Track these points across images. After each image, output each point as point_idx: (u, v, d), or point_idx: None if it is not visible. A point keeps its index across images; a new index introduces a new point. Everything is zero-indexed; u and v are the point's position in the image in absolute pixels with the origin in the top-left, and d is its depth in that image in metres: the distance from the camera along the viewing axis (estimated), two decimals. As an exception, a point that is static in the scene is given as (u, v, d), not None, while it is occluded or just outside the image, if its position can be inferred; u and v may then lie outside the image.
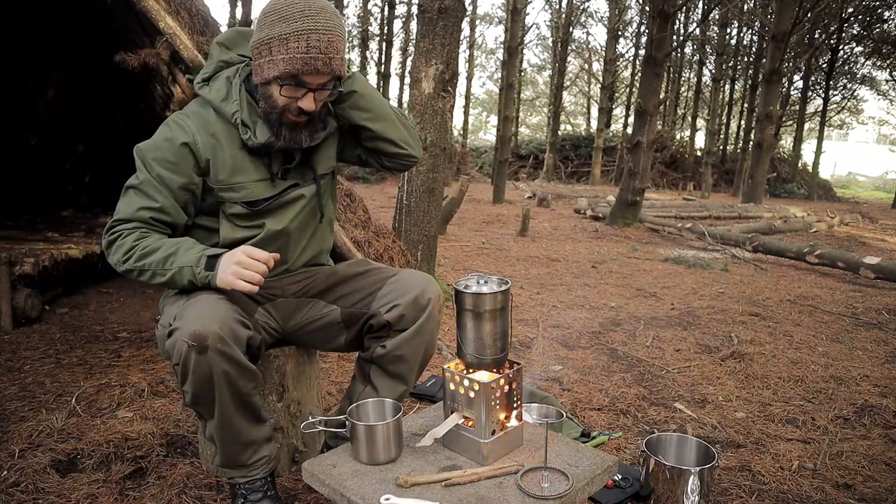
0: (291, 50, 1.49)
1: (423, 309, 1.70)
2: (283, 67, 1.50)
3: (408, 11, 20.26)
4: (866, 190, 28.55)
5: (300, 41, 1.48)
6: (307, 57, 1.49)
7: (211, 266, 1.52)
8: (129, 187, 1.61)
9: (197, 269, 1.51)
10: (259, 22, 1.55)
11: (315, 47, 1.49)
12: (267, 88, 1.57)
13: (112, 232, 1.60)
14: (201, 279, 1.52)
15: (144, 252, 1.55)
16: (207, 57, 1.73)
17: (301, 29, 1.48)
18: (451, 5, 3.89)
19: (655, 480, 1.82)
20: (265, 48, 1.53)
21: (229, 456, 1.61)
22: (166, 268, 1.53)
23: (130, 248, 1.56)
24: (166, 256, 1.54)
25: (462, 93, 25.07)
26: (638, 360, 3.24)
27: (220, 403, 1.49)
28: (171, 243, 1.56)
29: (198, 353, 1.41)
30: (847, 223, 11.25)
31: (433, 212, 4.11)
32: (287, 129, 1.61)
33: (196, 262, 1.52)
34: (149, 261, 1.54)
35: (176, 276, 1.53)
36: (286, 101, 1.56)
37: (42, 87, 4.81)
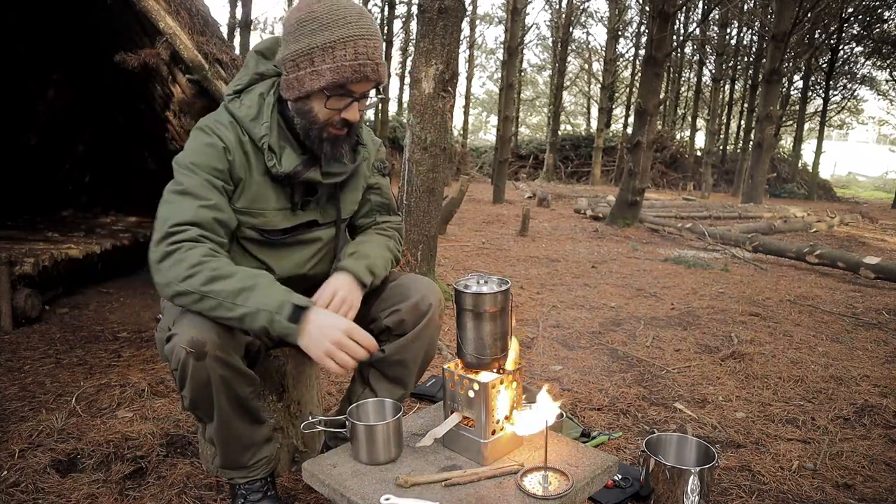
0: (338, 58, 1.41)
1: (424, 314, 1.70)
2: (331, 77, 1.42)
3: (408, 11, 20.26)
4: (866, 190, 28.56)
5: (347, 48, 1.40)
6: (356, 64, 1.41)
7: (296, 318, 1.35)
8: (175, 192, 1.46)
9: (278, 316, 1.34)
10: (293, 32, 1.45)
11: (363, 53, 1.42)
12: (306, 103, 1.48)
13: (171, 241, 1.39)
14: (280, 330, 1.34)
15: (215, 275, 1.36)
16: (243, 65, 1.61)
17: (347, 35, 1.40)
18: (451, 5, 3.89)
19: (655, 480, 1.82)
20: (305, 59, 1.43)
21: (229, 457, 1.61)
22: (237, 302, 1.35)
23: (196, 265, 1.36)
24: (240, 289, 1.36)
25: (462, 93, 25.08)
26: (638, 360, 3.24)
27: (219, 407, 1.49)
28: (248, 274, 1.39)
29: (196, 360, 1.40)
30: (847, 223, 11.25)
31: (433, 212, 4.11)
32: (329, 144, 1.54)
33: (277, 308, 1.35)
34: (217, 288, 1.35)
35: (248, 316, 1.35)
36: (329, 114, 1.48)
37: (42, 87, 4.81)
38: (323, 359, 1.36)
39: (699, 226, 8.46)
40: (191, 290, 1.35)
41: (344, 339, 1.37)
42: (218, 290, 1.35)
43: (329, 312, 1.41)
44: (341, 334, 1.37)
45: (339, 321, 1.38)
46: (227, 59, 3.32)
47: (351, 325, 1.39)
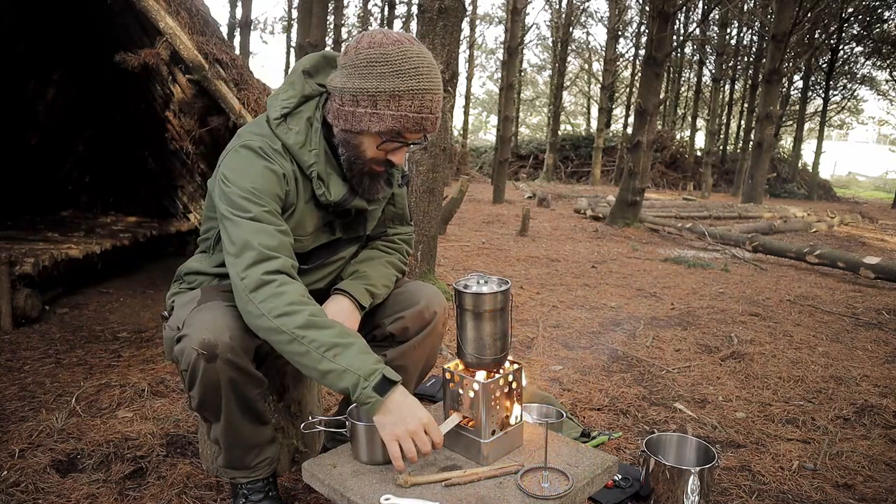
0: (403, 108, 1.39)
1: (428, 322, 1.70)
2: (391, 124, 1.41)
3: (408, 11, 20.27)
4: (866, 190, 28.56)
5: (414, 100, 1.39)
6: (419, 117, 1.41)
7: (383, 391, 1.31)
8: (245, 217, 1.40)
9: (365, 384, 1.31)
10: (361, 68, 1.41)
11: (427, 108, 1.41)
12: (356, 137, 1.47)
13: (267, 270, 1.36)
14: (363, 398, 1.31)
15: (313, 322, 1.34)
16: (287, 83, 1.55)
17: (416, 88, 1.39)
18: (451, 5, 3.89)
19: (655, 480, 1.82)
20: (367, 99, 1.40)
21: (233, 457, 1.61)
22: (326, 356, 1.31)
23: (295, 304, 1.34)
24: (335, 344, 1.33)
25: (462, 93, 25.07)
26: (638, 360, 3.24)
27: (227, 409, 1.49)
28: (345, 331, 1.37)
29: (206, 362, 1.40)
30: (847, 223, 11.25)
31: (433, 212, 4.11)
32: (368, 178, 1.53)
33: (367, 375, 1.31)
34: (313, 336, 1.32)
35: (334, 373, 1.31)
36: (377, 153, 1.48)
37: (42, 87, 4.81)
38: (391, 442, 1.32)
39: (699, 226, 8.46)
40: (284, 329, 1.32)
41: (419, 431, 1.32)
42: (312, 338, 1.32)
43: (413, 399, 1.36)
44: (419, 425, 1.33)
45: (421, 412, 1.34)
46: (227, 59, 3.32)
47: (430, 420, 1.34)
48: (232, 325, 1.43)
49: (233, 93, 3.17)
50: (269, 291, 1.35)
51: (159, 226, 5.02)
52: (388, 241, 1.83)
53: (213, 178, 1.55)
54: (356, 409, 1.54)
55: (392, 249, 1.81)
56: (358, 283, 1.64)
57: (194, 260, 1.73)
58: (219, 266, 1.64)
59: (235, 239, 1.40)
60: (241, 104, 3.15)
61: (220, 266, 1.62)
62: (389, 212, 1.81)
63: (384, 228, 1.83)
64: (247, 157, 1.46)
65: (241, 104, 3.15)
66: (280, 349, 1.36)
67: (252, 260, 1.37)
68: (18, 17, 4.24)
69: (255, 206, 1.41)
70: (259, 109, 3.18)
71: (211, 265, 1.66)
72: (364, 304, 1.63)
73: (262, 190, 1.43)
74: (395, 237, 1.84)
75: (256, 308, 1.35)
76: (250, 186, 1.42)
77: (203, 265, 1.68)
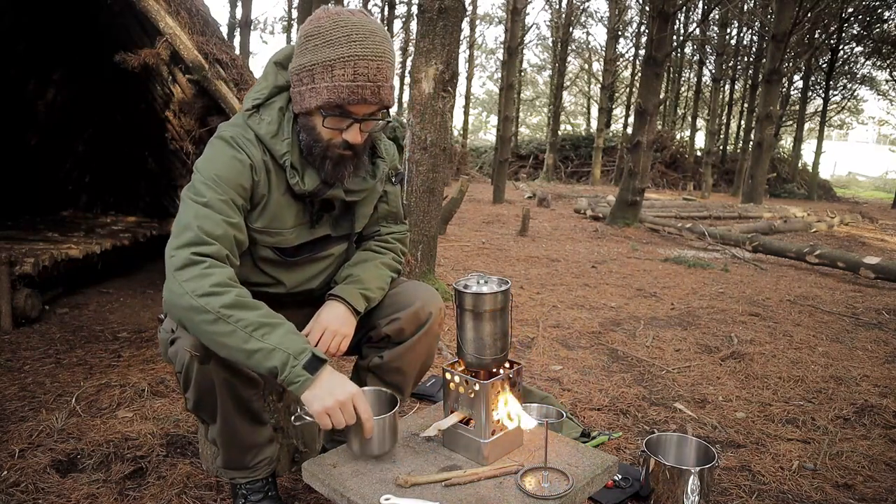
0: (336, 77, 1.36)
1: (423, 323, 1.69)
2: (327, 96, 1.37)
3: (408, 11, 20.26)
4: (866, 190, 28.56)
5: (346, 68, 1.35)
6: (354, 85, 1.36)
7: (313, 369, 1.30)
8: (198, 202, 1.39)
9: (295, 362, 1.28)
10: (300, 45, 1.41)
11: (363, 75, 1.36)
12: (308, 119, 1.44)
13: (197, 251, 1.33)
14: (292, 376, 1.28)
15: (239, 302, 1.31)
16: (261, 76, 1.54)
17: (348, 55, 1.35)
18: (451, 5, 3.89)
19: (655, 480, 1.82)
20: (306, 75, 1.40)
21: (231, 458, 1.61)
22: (254, 335, 1.28)
23: (221, 286, 1.31)
24: (262, 323, 1.30)
25: (462, 93, 25.08)
26: (638, 360, 3.24)
27: (223, 410, 1.49)
28: (272, 313, 1.35)
29: (200, 363, 1.40)
30: (847, 223, 11.25)
31: (433, 212, 4.11)
32: (331, 163, 1.48)
33: (297, 354, 1.29)
34: (239, 316, 1.29)
35: (260, 353, 1.28)
36: (330, 133, 1.44)
37: (42, 87, 4.81)
38: (321, 415, 1.31)
39: (699, 226, 8.46)
40: (208, 308, 1.28)
41: (347, 403, 1.32)
42: (239, 318, 1.28)
43: (341, 376, 1.35)
44: (347, 397, 1.32)
45: (349, 386, 1.34)
46: (227, 59, 3.32)
47: (357, 393, 1.34)
48: None
49: (233, 93, 3.18)
50: (196, 272, 1.31)
51: (159, 226, 5.02)
52: (381, 241, 1.79)
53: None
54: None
55: (386, 249, 1.78)
56: (352, 288, 1.62)
57: None
58: None
59: (180, 219, 1.38)
60: (241, 104, 3.15)
61: None
62: (383, 210, 1.77)
63: (377, 228, 1.79)
64: (218, 146, 1.46)
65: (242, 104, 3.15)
66: (200, 330, 1.30)
67: (186, 241, 1.34)
68: (18, 17, 4.24)
69: (211, 193, 1.39)
70: (259, 109, 3.18)
71: None
72: (359, 309, 1.61)
73: (224, 178, 1.41)
74: (389, 236, 1.81)
75: (179, 286, 1.30)
76: (214, 174, 1.41)
77: None
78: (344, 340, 1.58)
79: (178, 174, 5.32)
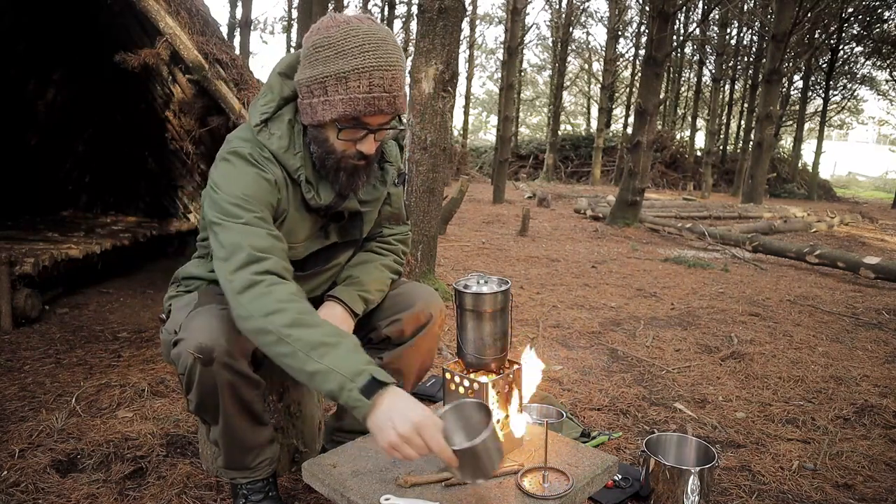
0: (351, 90, 1.32)
1: (424, 325, 1.69)
2: (343, 109, 1.34)
3: (408, 11, 20.26)
4: (866, 190, 28.56)
5: (361, 80, 1.32)
6: (370, 97, 1.33)
7: (370, 393, 1.20)
8: (235, 221, 1.34)
9: (351, 385, 1.21)
10: (309, 56, 1.37)
11: (378, 86, 1.33)
12: (321, 131, 1.41)
13: (256, 270, 1.30)
14: (349, 400, 1.21)
15: (299, 319, 1.26)
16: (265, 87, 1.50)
17: (362, 66, 1.31)
18: (451, 5, 3.89)
19: (655, 480, 1.82)
20: (318, 87, 1.36)
21: (233, 458, 1.61)
22: (312, 356, 1.23)
23: (284, 302, 1.28)
24: (320, 343, 1.24)
25: (462, 93, 25.09)
26: (638, 360, 3.24)
27: (224, 411, 1.49)
28: (334, 331, 1.29)
29: (203, 366, 1.40)
30: (847, 223, 11.25)
31: (433, 212, 4.11)
32: (345, 174, 1.46)
33: (353, 376, 1.21)
34: (298, 335, 1.24)
35: (319, 375, 1.22)
36: (344, 145, 1.41)
37: (42, 87, 4.81)
38: (388, 451, 1.21)
39: (699, 226, 8.46)
40: (271, 328, 1.25)
41: (413, 436, 1.18)
42: (297, 337, 1.24)
43: (407, 398, 1.23)
44: (411, 429, 1.18)
45: (414, 413, 1.20)
46: (227, 59, 3.32)
47: (423, 422, 1.19)
48: (228, 328, 1.42)
49: (233, 93, 3.18)
50: (258, 291, 1.29)
51: (159, 226, 5.02)
52: (383, 242, 1.78)
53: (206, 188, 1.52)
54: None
55: (387, 251, 1.77)
56: (351, 290, 1.62)
57: (191, 265, 1.71)
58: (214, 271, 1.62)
59: (225, 242, 1.35)
60: (241, 104, 3.15)
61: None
62: (386, 212, 1.76)
63: (380, 229, 1.79)
64: (238, 164, 1.42)
65: (241, 104, 3.15)
66: (269, 352, 1.28)
67: (241, 262, 1.31)
68: (18, 17, 4.24)
69: (246, 213, 1.36)
70: (259, 109, 3.17)
71: (207, 270, 1.65)
72: (357, 311, 1.61)
73: (253, 197, 1.38)
74: (391, 238, 1.80)
75: (244, 309, 1.29)
76: (241, 193, 1.37)
77: (200, 270, 1.67)
78: None
79: (178, 174, 5.32)
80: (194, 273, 1.68)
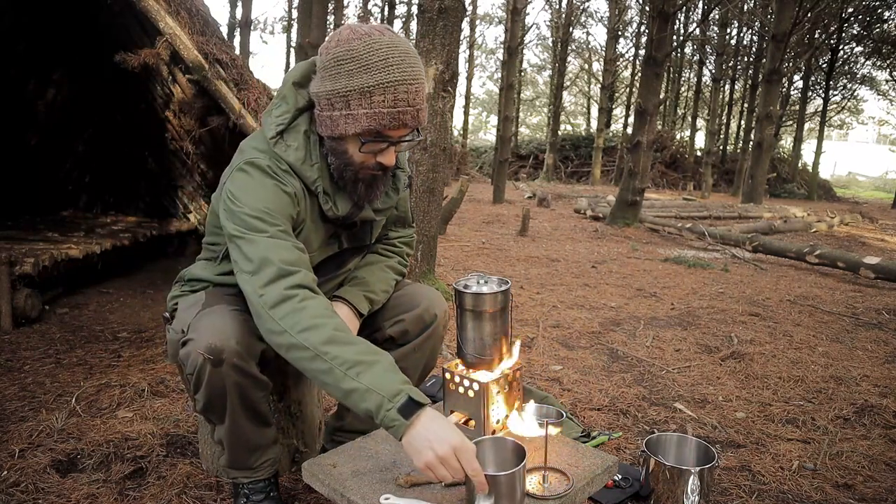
0: (376, 104, 1.33)
1: (428, 325, 1.70)
2: (367, 124, 1.34)
3: (408, 11, 20.27)
4: (866, 190, 28.56)
5: (386, 95, 1.32)
6: (395, 111, 1.33)
7: (408, 414, 1.21)
8: (260, 234, 1.34)
9: (389, 405, 1.21)
10: (329, 68, 1.36)
11: (403, 100, 1.33)
12: (340, 143, 1.41)
13: (288, 285, 1.29)
14: (387, 420, 1.21)
15: (336, 337, 1.26)
16: (279, 98, 1.50)
17: (387, 81, 1.31)
18: (451, 5, 3.89)
19: (655, 480, 1.82)
20: (340, 100, 1.35)
21: (236, 458, 1.61)
22: (349, 374, 1.22)
23: (319, 318, 1.27)
24: (358, 361, 1.24)
25: (462, 93, 25.08)
26: (638, 360, 3.24)
27: (231, 412, 1.49)
28: (370, 348, 1.29)
29: (213, 366, 1.40)
30: (847, 223, 11.25)
31: (433, 212, 4.11)
32: (364, 185, 1.47)
33: (391, 396, 1.21)
34: (335, 353, 1.24)
35: (356, 393, 1.22)
36: (364, 157, 1.42)
37: (42, 87, 4.81)
38: (424, 471, 1.22)
39: (699, 226, 8.46)
40: (307, 345, 1.24)
41: (450, 458, 1.19)
42: (334, 355, 1.23)
43: (443, 420, 1.24)
44: (449, 451, 1.19)
45: (451, 436, 1.20)
46: (227, 59, 3.32)
47: (461, 445, 1.20)
48: (238, 329, 1.42)
49: (233, 93, 3.18)
50: (291, 307, 1.28)
51: (159, 226, 5.02)
52: (388, 245, 1.81)
53: (216, 194, 1.51)
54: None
55: (392, 253, 1.79)
56: (356, 290, 1.64)
57: (198, 267, 1.71)
58: (223, 275, 1.62)
59: (252, 256, 1.33)
60: (241, 104, 3.15)
61: (225, 275, 1.61)
62: (392, 215, 1.79)
63: (386, 232, 1.82)
64: (256, 175, 1.41)
65: (241, 104, 3.15)
66: (303, 367, 1.28)
67: (272, 276, 1.30)
68: (18, 17, 4.24)
69: (270, 227, 1.36)
70: (259, 109, 3.18)
71: (215, 273, 1.65)
72: (363, 311, 1.62)
73: (275, 210, 1.38)
74: (397, 240, 1.83)
75: (277, 325, 1.27)
76: (263, 206, 1.36)
77: (207, 273, 1.67)
78: None
79: (178, 174, 5.32)
80: (201, 275, 1.67)
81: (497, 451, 1.34)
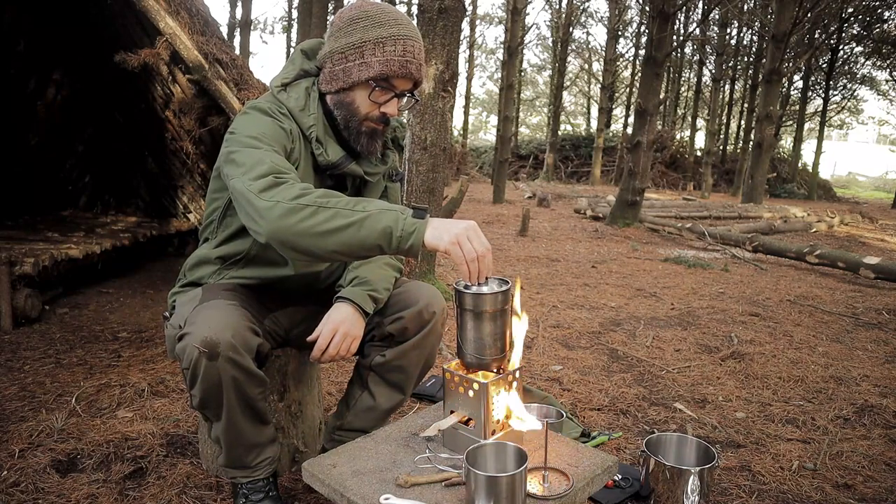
0: (388, 52, 1.50)
1: (427, 322, 1.71)
2: (379, 69, 1.51)
3: (408, 11, 20.27)
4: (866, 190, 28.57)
5: (397, 45, 1.51)
6: (403, 60, 1.52)
7: (421, 216, 1.32)
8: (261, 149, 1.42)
9: (404, 214, 1.30)
10: (344, 27, 1.54)
11: (410, 52, 1.52)
12: (348, 94, 1.56)
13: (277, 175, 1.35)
14: (407, 227, 1.28)
15: (329, 193, 1.34)
16: (288, 62, 1.67)
17: (398, 34, 1.51)
18: (451, 5, 3.89)
19: (655, 480, 1.82)
20: (355, 52, 1.52)
21: (234, 457, 1.61)
22: (356, 209, 1.30)
23: (308, 188, 1.34)
24: (354, 201, 1.33)
25: (462, 93, 25.08)
26: (638, 360, 3.24)
27: (228, 408, 1.50)
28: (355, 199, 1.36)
29: (208, 360, 1.40)
30: (847, 223, 11.25)
31: (433, 212, 4.11)
32: (366, 137, 1.59)
33: (402, 210, 1.31)
34: (335, 200, 1.31)
35: (370, 218, 1.28)
36: (371, 106, 1.56)
37: (42, 86, 4.81)
38: (453, 245, 1.28)
39: (699, 226, 8.46)
40: (304, 203, 1.29)
41: (470, 231, 1.30)
42: (335, 201, 1.31)
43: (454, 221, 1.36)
44: (465, 229, 1.30)
45: (459, 222, 1.33)
46: (227, 59, 3.32)
47: (470, 224, 1.32)
48: (234, 323, 1.43)
49: (233, 93, 3.18)
50: (281, 187, 1.32)
51: (159, 226, 5.02)
52: None
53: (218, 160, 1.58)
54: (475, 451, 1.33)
55: None
56: (360, 290, 1.66)
57: (197, 251, 1.76)
58: (222, 245, 1.67)
59: (245, 160, 1.38)
60: (241, 104, 3.15)
61: (224, 245, 1.67)
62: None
63: None
64: (255, 114, 1.53)
65: (241, 104, 3.15)
66: (301, 230, 1.28)
67: (264, 171, 1.35)
68: (18, 17, 4.24)
69: (265, 145, 1.44)
70: (259, 109, 3.17)
71: (213, 247, 1.70)
72: (368, 311, 1.65)
73: (269, 136, 1.47)
74: None
75: (268, 202, 1.30)
76: (257, 132, 1.46)
77: (206, 251, 1.71)
78: (354, 342, 1.63)
79: (178, 174, 5.32)
80: (201, 255, 1.72)
81: (498, 456, 1.35)
